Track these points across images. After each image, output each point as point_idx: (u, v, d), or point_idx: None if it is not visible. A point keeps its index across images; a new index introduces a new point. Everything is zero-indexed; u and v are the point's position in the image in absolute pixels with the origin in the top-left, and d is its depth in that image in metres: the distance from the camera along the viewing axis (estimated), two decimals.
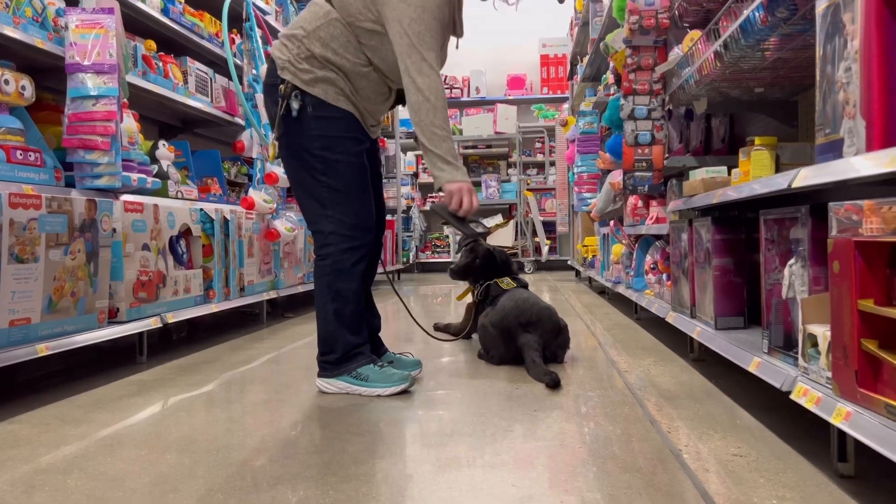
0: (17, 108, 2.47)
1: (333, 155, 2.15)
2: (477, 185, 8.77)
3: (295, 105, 2.11)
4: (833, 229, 1.33)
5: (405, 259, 8.34)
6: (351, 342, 2.18)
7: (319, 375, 2.23)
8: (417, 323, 2.79)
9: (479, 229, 1.91)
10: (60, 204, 2.28)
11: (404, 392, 2.17)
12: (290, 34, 2.16)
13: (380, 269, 2.51)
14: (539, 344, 2.48)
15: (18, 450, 1.68)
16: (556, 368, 2.41)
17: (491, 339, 2.61)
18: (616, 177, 4.08)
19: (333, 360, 2.19)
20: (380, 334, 2.43)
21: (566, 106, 8.05)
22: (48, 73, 2.73)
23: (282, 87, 2.12)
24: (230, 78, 3.95)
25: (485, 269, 3.01)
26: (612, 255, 4.39)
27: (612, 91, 4.56)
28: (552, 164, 8.90)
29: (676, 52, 3.00)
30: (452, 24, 2.19)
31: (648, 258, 3.46)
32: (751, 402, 1.99)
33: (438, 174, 2.11)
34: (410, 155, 9.21)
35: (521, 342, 2.49)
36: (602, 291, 5.54)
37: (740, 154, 2.20)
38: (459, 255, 3.14)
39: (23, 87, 2.42)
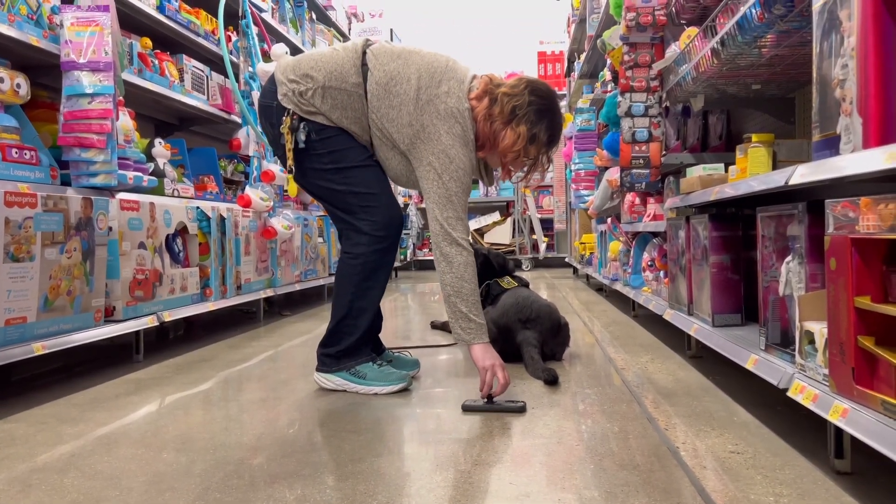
0: (12, 107, 2.46)
1: (345, 163, 2.15)
2: (474, 182, 8.75)
3: (302, 137, 2.11)
4: (830, 226, 1.33)
5: (402, 257, 8.33)
6: (359, 339, 2.20)
7: (318, 370, 2.23)
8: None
9: (520, 404, 1.92)
10: (56, 202, 2.27)
11: (402, 391, 2.17)
12: (307, 74, 2.11)
13: None
14: (538, 341, 2.48)
15: (15, 448, 1.68)
16: (554, 366, 2.41)
17: (490, 336, 2.60)
18: (613, 174, 4.08)
19: (334, 353, 2.19)
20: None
21: (563, 103, 8.04)
22: (43, 70, 2.72)
23: (286, 119, 2.11)
24: (226, 75, 3.95)
25: (482, 274, 3.00)
26: (610, 252, 4.39)
27: (609, 88, 4.56)
28: (549, 160, 8.89)
29: (673, 49, 3.00)
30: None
31: (646, 255, 3.46)
32: (748, 399, 1.99)
33: (459, 333, 2.05)
34: None
35: (520, 339, 2.49)
36: (600, 289, 5.55)
37: (737, 151, 2.20)
38: None
39: (18, 86, 2.41)
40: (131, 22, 3.36)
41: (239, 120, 4.14)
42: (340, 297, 2.20)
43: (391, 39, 7.78)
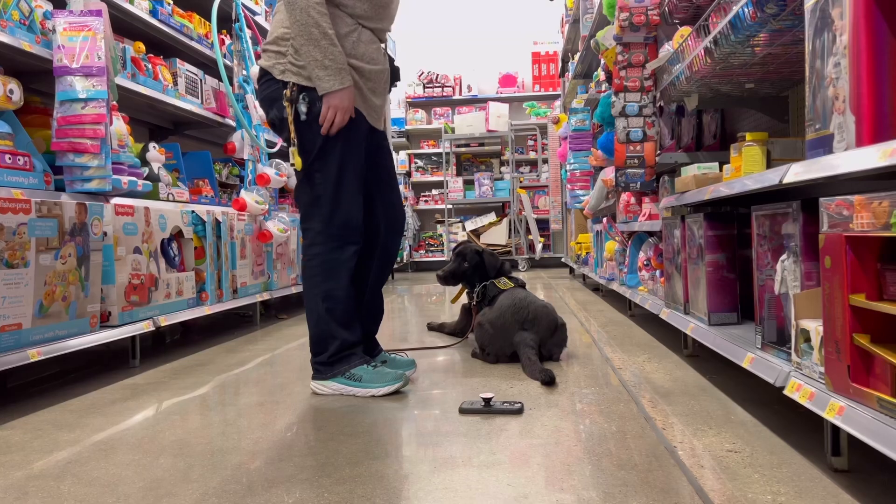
0: (5, 112, 2.45)
1: (332, 151, 2.12)
2: (469, 183, 8.77)
3: (303, 108, 2.07)
4: (824, 224, 1.34)
5: (399, 258, 8.33)
6: (344, 341, 2.18)
7: (314, 378, 2.22)
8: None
9: (517, 406, 1.93)
10: (50, 208, 2.27)
11: (398, 392, 2.17)
12: (277, 38, 2.11)
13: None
14: (535, 342, 2.48)
15: (11, 456, 1.67)
16: (551, 366, 2.41)
17: (487, 338, 2.61)
18: (608, 174, 4.09)
19: (326, 360, 2.18)
20: (378, 331, 2.44)
21: (558, 103, 8.06)
22: (36, 76, 2.71)
23: (287, 91, 2.07)
24: (220, 79, 3.94)
25: (475, 273, 3.00)
26: (606, 252, 4.40)
27: (603, 88, 4.56)
28: (545, 161, 8.91)
29: (667, 49, 3.00)
30: None
31: (641, 255, 3.47)
32: (745, 398, 1.99)
33: (321, 80, 2.01)
34: (403, 154, 9.20)
35: (517, 340, 2.49)
36: (596, 288, 5.55)
37: (731, 150, 2.20)
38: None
39: (10, 91, 2.40)
40: (124, 26, 3.35)
41: (233, 123, 4.13)
42: (307, 302, 2.20)
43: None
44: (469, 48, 9.40)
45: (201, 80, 3.95)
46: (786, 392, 1.49)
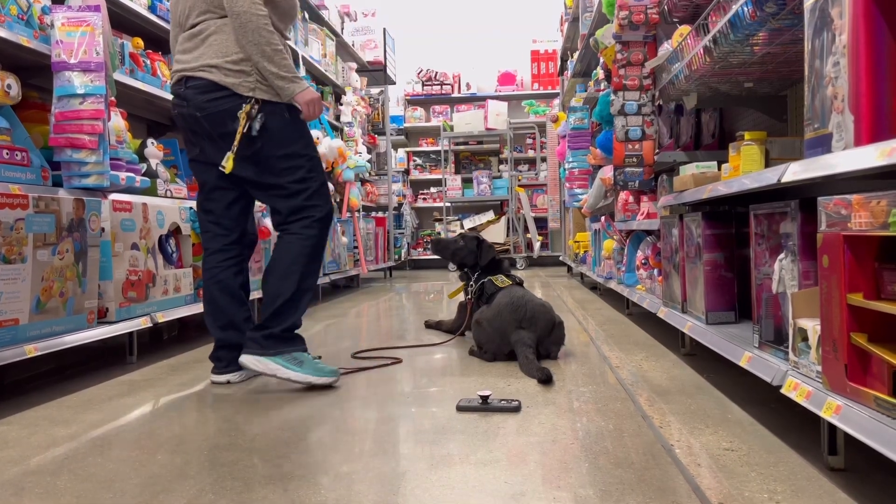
0: (2, 107, 2.44)
1: (308, 148, 2.32)
2: (468, 181, 8.77)
3: (257, 125, 2.18)
4: (822, 224, 1.34)
5: (397, 256, 8.33)
6: (298, 322, 2.27)
7: (251, 352, 2.21)
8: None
9: (514, 404, 1.94)
10: (48, 203, 2.26)
11: (331, 386, 2.21)
12: (240, 59, 2.18)
13: (373, 267, 2.55)
14: (532, 340, 2.48)
15: (7, 451, 1.67)
16: (549, 364, 2.41)
17: (485, 336, 2.61)
18: (607, 172, 4.09)
19: (279, 331, 2.21)
20: (375, 329, 2.45)
21: (557, 102, 8.06)
22: (34, 71, 2.71)
23: (247, 106, 2.17)
24: None
25: (468, 255, 3.04)
26: (604, 250, 4.40)
27: (602, 87, 4.56)
28: (543, 160, 8.91)
29: (666, 48, 3.00)
30: None
31: (640, 253, 3.47)
32: (742, 397, 1.99)
33: (284, 89, 2.19)
34: (401, 151, 9.19)
35: (514, 339, 2.49)
36: (594, 287, 5.56)
37: (730, 149, 2.21)
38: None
39: (8, 86, 2.40)
40: (123, 22, 3.34)
41: None
42: (289, 276, 2.24)
43: (384, 39, 7.77)
44: (468, 46, 9.40)
45: None
46: (783, 391, 1.50)
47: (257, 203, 2.54)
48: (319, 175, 2.32)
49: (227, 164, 2.18)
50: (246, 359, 2.22)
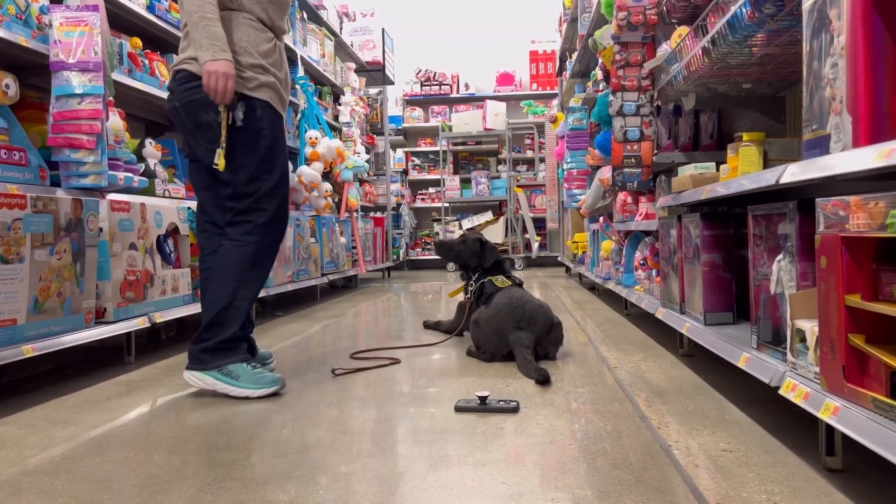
0: (1, 107, 2.44)
1: (274, 151, 2.25)
2: (466, 181, 8.78)
3: (240, 115, 2.15)
4: (820, 225, 1.34)
5: (395, 256, 8.33)
6: (236, 332, 2.18)
7: (191, 368, 2.19)
8: None
9: (513, 404, 1.94)
10: (46, 203, 2.26)
11: (275, 395, 2.15)
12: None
13: (371, 267, 2.53)
14: (531, 341, 2.48)
15: (5, 452, 1.66)
16: (547, 365, 2.41)
17: (484, 336, 2.61)
18: (605, 173, 4.09)
19: (214, 345, 2.16)
20: (374, 329, 2.44)
21: (555, 102, 8.06)
22: (32, 71, 2.70)
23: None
24: None
25: (471, 256, 3.04)
26: (602, 251, 4.40)
27: (601, 87, 4.57)
28: (542, 160, 8.91)
29: (665, 49, 3.01)
30: None
31: (638, 254, 3.47)
32: (740, 398, 2.00)
33: (199, 58, 2.12)
34: (400, 152, 9.19)
35: (513, 339, 2.49)
36: (592, 287, 5.56)
37: (728, 150, 2.21)
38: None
39: (6, 86, 2.39)
40: (121, 22, 3.34)
41: None
42: (223, 285, 2.19)
43: (383, 39, 7.77)
44: (467, 46, 9.40)
45: None
46: (781, 392, 1.50)
47: None
48: (274, 177, 2.23)
49: (220, 161, 2.13)
50: (186, 375, 2.20)
